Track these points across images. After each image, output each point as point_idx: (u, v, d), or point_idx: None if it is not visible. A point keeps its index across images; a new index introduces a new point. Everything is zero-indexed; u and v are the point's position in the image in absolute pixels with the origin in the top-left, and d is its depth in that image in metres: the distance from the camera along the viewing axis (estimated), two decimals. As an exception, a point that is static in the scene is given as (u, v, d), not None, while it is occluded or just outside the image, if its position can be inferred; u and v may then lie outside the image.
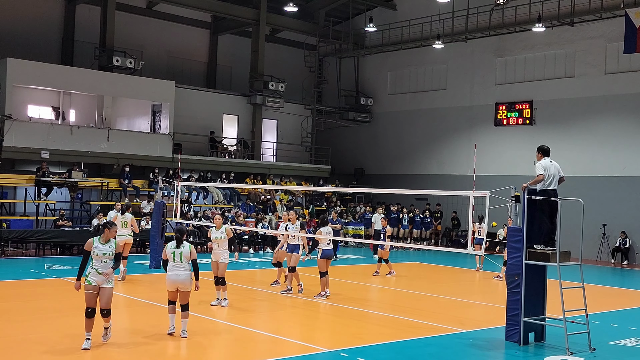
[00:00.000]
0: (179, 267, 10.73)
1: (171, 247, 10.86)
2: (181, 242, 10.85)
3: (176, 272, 10.73)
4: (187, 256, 10.75)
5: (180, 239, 10.89)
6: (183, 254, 10.77)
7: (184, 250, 10.79)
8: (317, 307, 14.45)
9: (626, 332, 12.51)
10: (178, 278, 10.72)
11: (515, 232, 11.24)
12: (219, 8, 32.49)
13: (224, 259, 13.82)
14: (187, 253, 10.78)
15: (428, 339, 11.57)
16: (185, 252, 10.79)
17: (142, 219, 24.90)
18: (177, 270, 10.74)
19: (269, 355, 10.09)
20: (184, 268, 10.73)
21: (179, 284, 10.72)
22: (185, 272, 10.72)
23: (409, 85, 35.61)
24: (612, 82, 27.88)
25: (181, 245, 10.83)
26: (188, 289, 10.75)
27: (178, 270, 10.73)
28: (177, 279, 10.72)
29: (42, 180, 24.37)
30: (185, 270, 10.72)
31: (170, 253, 10.82)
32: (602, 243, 27.18)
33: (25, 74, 26.00)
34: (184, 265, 10.73)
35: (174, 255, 10.79)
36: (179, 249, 10.81)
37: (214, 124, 32.58)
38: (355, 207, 32.71)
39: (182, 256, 10.75)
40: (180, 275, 10.72)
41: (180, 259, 10.74)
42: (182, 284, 10.73)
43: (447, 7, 31.16)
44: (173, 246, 10.86)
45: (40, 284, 16.39)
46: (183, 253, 10.78)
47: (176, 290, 10.76)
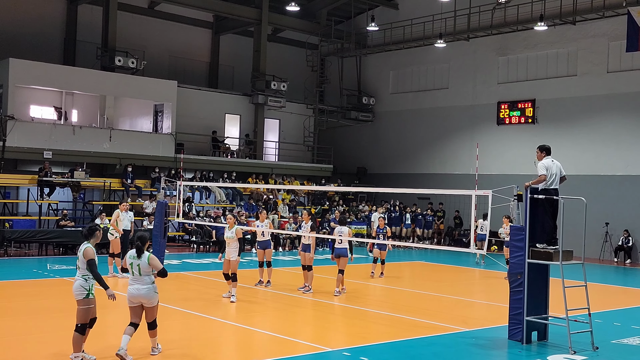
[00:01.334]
0: (138, 281, 9.35)
1: (130, 257, 9.45)
2: (142, 252, 9.41)
3: (136, 285, 9.33)
4: (146, 269, 9.32)
5: (140, 247, 9.43)
6: (141, 266, 9.33)
7: (142, 262, 9.34)
8: (320, 307, 14.45)
9: (629, 331, 12.49)
10: (138, 293, 9.32)
11: (518, 231, 11.23)
12: (221, 8, 32.50)
13: (234, 256, 14.53)
14: (145, 266, 9.31)
15: (431, 338, 11.57)
16: (143, 264, 9.32)
17: (145, 218, 24.93)
18: (136, 283, 9.34)
19: (272, 354, 10.09)
20: (144, 281, 9.33)
21: (141, 299, 9.34)
22: (146, 287, 9.32)
23: (411, 84, 35.59)
24: (614, 81, 27.84)
25: (142, 255, 9.39)
26: (153, 303, 9.40)
27: (138, 284, 9.33)
28: (138, 293, 9.32)
29: (44, 180, 24.41)
30: (146, 283, 9.34)
31: (129, 264, 9.46)
32: (605, 242, 27.14)
33: (28, 74, 26.04)
34: (144, 279, 9.33)
35: (132, 267, 9.40)
36: (139, 259, 9.38)
37: (216, 123, 32.60)
38: (357, 206, 32.71)
39: (139, 268, 9.33)
40: (141, 289, 9.33)
41: (139, 271, 9.34)
42: (143, 299, 9.34)
43: (449, 6, 31.14)
44: (133, 256, 9.43)
45: (43, 284, 16.41)
46: (141, 265, 9.33)
47: (139, 306, 9.38)
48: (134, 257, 9.39)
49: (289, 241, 26.41)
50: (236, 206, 28.84)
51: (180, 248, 25.86)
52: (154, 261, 9.36)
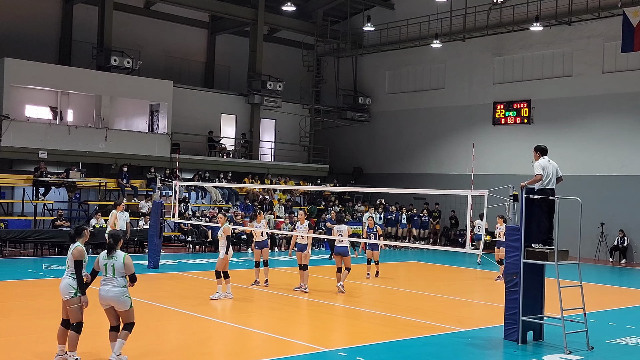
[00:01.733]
0: (109, 282, 8.88)
1: (103, 257, 8.99)
2: (114, 251, 8.97)
3: (105, 287, 8.88)
4: (120, 269, 8.87)
5: (113, 246, 8.99)
6: (115, 267, 8.89)
7: (117, 262, 8.90)
8: (316, 307, 14.45)
9: (624, 331, 12.52)
10: (107, 294, 8.86)
11: (514, 231, 11.25)
12: (217, 8, 32.48)
13: (221, 254, 14.78)
14: (120, 266, 8.88)
15: (426, 338, 11.58)
16: (118, 264, 8.89)
17: (141, 218, 24.91)
18: (106, 284, 8.89)
19: (268, 354, 10.09)
20: (115, 283, 8.86)
21: (109, 301, 8.87)
22: (116, 289, 8.83)
23: (407, 84, 35.62)
24: (610, 81, 27.91)
25: (114, 254, 8.96)
26: (124, 307, 8.86)
27: (108, 285, 8.87)
28: (106, 295, 8.86)
29: (40, 180, 24.35)
30: (118, 285, 8.85)
31: (102, 264, 8.97)
32: (600, 242, 27.20)
33: (23, 73, 25.99)
34: (116, 280, 8.86)
35: (106, 267, 8.93)
36: (111, 259, 8.94)
37: (212, 123, 32.56)
38: (353, 206, 32.71)
39: (114, 269, 8.89)
40: (110, 291, 8.85)
41: (113, 272, 8.87)
42: (113, 301, 8.86)
43: (445, 7, 31.16)
44: (104, 256, 8.98)
45: (38, 284, 16.38)
46: (115, 265, 8.90)
47: (111, 308, 8.94)
48: (106, 257, 8.95)
49: (284, 241, 26.39)
50: (232, 206, 28.82)
51: (176, 248, 25.83)
52: (129, 262, 8.92)
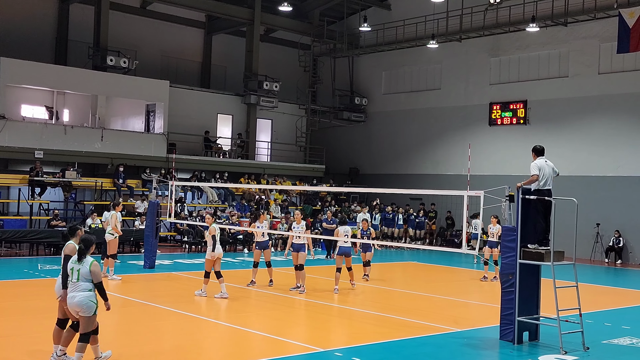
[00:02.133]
0: (75, 287, 8.55)
1: (72, 262, 8.68)
2: (84, 256, 8.64)
3: (72, 293, 8.56)
4: (86, 275, 8.54)
5: (83, 251, 8.65)
6: (81, 272, 8.55)
7: (83, 268, 8.56)
8: (312, 307, 14.46)
9: (620, 331, 12.55)
10: (72, 300, 8.53)
11: (510, 231, 11.27)
12: (213, 8, 32.46)
13: (207, 254, 14.95)
14: (86, 272, 8.54)
15: (423, 338, 11.58)
16: (84, 270, 8.55)
17: (137, 218, 24.88)
18: (73, 291, 8.56)
19: (264, 355, 10.09)
20: (80, 288, 8.53)
21: (74, 307, 8.53)
22: (81, 294, 8.49)
23: (403, 85, 35.64)
24: (605, 82, 27.96)
25: (83, 260, 8.62)
26: (88, 314, 8.51)
27: (74, 291, 8.55)
28: (72, 301, 8.53)
29: (35, 180, 24.31)
30: (83, 291, 8.51)
31: (69, 269, 8.67)
32: (596, 242, 27.25)
33: (19, 73, 25.92)
34: (82, 285, 8.54)
35: (72, 272, 8.61)
36: (80, 264, 8.61)
37: (209, 123, 32.54)
38: (349, 207, 32.73)
39: (79, 274, 8.55)
40: (75, 297, 8.51)
41: (78, 277, 8.55)
42: (77, 307, 8.51)
43: (442, 7, 31.18)
44: (74, 260, 8.66)
45: (34, 284, 16.35)
46: (81, 271, 8.56)
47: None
48: (75, 262, 8.63)
49: (280, 241, 26.40)
50: (228, 206, 28.81)
51: (172, 248, 25.81)
52: (95, 269, 8.58)
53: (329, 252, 24.70)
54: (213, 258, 14.77)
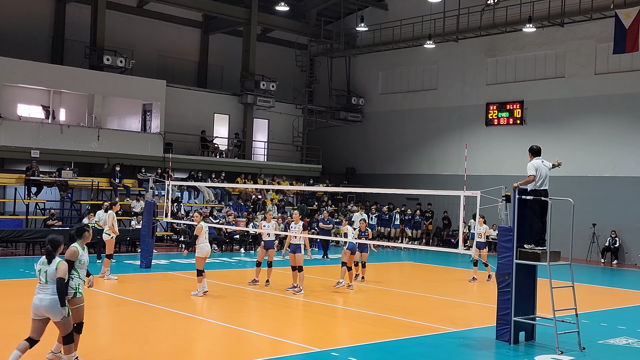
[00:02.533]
0: (44, 290, 8.21)
1: (40, 263, 8.33)
2: (53, 257, 8.25)
3: (40, 295, 8.21)
4: (53, 276, 8.18)
5: (51, 252, 8.26)
6: (49, 274, 8.18)
7: (50, 269, 8.19)
8: (308, 307, 14.45)
9: (616, 331, 12.57)
10: (41, 304, 8.17)
11: (506, 231, 11.28)
12: (210, 7, 32.44)
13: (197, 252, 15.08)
14: (53, 273, 8.17)
15: (419, 338, 11.59)
16: (51, 271, 8.18)
17: (133, 218, 24.85)
18: (41, 293, 8.22)
19: (260, 354, 10.08)
20: (50, 291, 8.17)
21: (44, 311, 8.18)
22: (50, 297, 8.15)
23: (400, 85, 35.66)
24: (602, 83, 28.01)
25: (52, 260, 8.24)
26: (56, 318, 8.19)
27: (42, 294, 8.20)
28: (40, 304, 8.18)
29: (32, 179, 24.26)
30: (53, 294, 8.16)
31: (37, 270, 8.34)
32: (592, 242, 27.30)
33: (15, 72, 25.88)
34: (51, 288, 8.18)
35: (40, 274, 8.28)
36: (48, 265, 8.24)
37: (205, 123, 32.52)
38: (346, 206, 32.74)
39: (47, 275, 8.18)
40: (44, 300, 8.17)
41: (46, 279, 8.20)
42: (46, 311, 8.17)
43: (438, 7, 31.20)
44: (43, 262, 8.30)
45: (30, 283, 16.22)
46: (49, 272, 8.18)
47: (44, 320, 8.27)
48: (43, 263, 8.27)
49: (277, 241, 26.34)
50: (225, 206, 28.79)
51: (169, 248, 25.78)
52: (61, 267, 8.21)
53: (325, 252, 24.69)
54: (204, 256, 14.92)
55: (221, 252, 25.21)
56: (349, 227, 17.22)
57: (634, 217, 26.65)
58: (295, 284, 15.99)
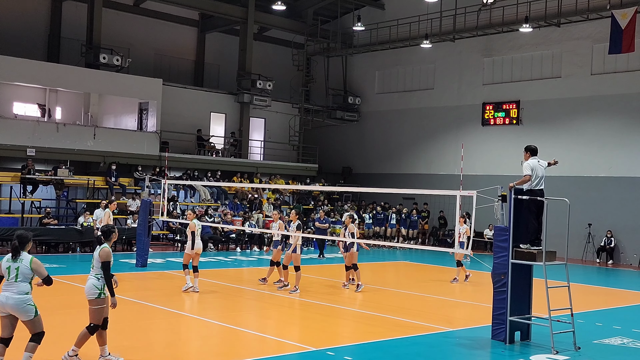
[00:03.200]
0: (12, 287, 7.95)
1: (6, 260, 8.08)
2: (19, 254, 8.04)
3: (6, 293, 7.94)
4: (27, 274, 7.99)
5: (17, 248, 8.05)
6: (20, 271, 7.98)
7: (22, 266, 7.99)
8: (304, 306, 14.45)
9: (611, 331, 12.60)
10: (7, 302, 7.92)
11: (502, 231, 11.29)
12: (207, 6, 32.40)
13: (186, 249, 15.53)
14: (27, 271, 7.98)
15: (415, 337, 11.60)
16: (24, 268, 7.98)
17: (129, 217, 24.81)
18: (8, 290, 7.95)
19: (256, 354, 10.08)
20: (17, 289, 7.94)
21: (9, 309, 7.94)
22: (17, 297, 7.91)
23: (396, 84, 35.67)
24: (598, 83, 28.06)
25: (19, 257, 8.03)
26: (27, 317, 7.97)
27: (9, 291, 7.94)
28: (6, 302, 7.92)
29: (27, 177, 24.21)
30: (20, 292, 7.93)
31: (4, 267, 8.05)
32: (588, 242, 27.34)
33: (11, 70, 25.81)
34: (19, 286, 7.95)
35: (9, 271, 8.01)
36: (16, 262, 8.01)
37: (202, 122, 32.49)
38: (342, 206, 32.74)
39: (18, 272, 7.97)
40: (10, 298, 7.91)
41: (16, 276, 7.96)
42: (13, 309, 7.94)
43: (435, 7, 31.22)
44: (8, 258, 8.07)
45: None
46: (20, 269, 7.98)
47: (10, 317, 8.04)
48: (9, 260, 8.04)
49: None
50: (221, 205, 28.77)
51: (164, 247, 25.76)
52: (37, 266, 8.02)
53: (321, 251, 24.68)
54: (192, 254, 15.22)
55: (217, 251, 25.20)
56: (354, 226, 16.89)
57: (630, 217, 26.71)
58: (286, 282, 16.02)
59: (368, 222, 30.51)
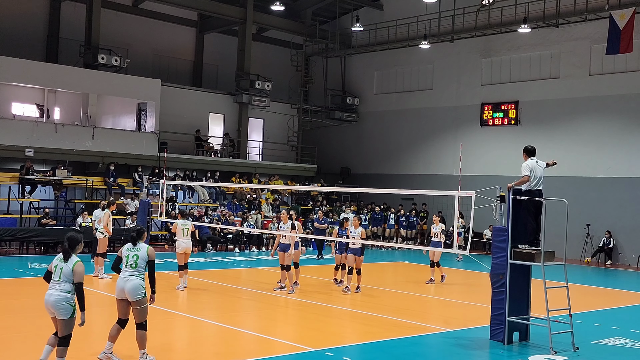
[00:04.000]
0: (55, 286, 8.22)
1: (57, 259, 8.34)
2: (69, 255, 8.27)
3: (50, 290, 8.22)
4: (68, 275, 8.19)
5: (68, 250, 8.27)
6: (64, 271, 8.20)
7: (66, 267, 8.21)
8: (303, 307, 14.45)
9: (609, 332, 12.61)
10: (49, 299, 8.18)
11: (500, 232, 11.30)
12: (206, 6, 32.40)
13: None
14: (68, 272, 8.19)
15: (413, 338, 11.60)
16: (67, 270, 8.20)
17: (127, 217, 24.80)
18: (52, 289, 8.22)
19: (254, 354, 10.08)
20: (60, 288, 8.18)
21: (49, 307, 8.22)
22: (60, 294, 8.14)
23: (395, 85, 35.68)
24: (596, 84, 28.08)
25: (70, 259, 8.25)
26: (63, 316, 8.17)
27: (53, 289, 8.21)
28: (48, 299, 8.19)
29: (26, 178, 24.20)
30: (62, 291, 8.16)
31: (54, 266, 8.34)
32: (586, 243, 27.35)
33: (10, 71, 25.79)
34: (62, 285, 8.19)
35: (55, 270, 8.29)
36: (64, 262, 8.26)
37: (200, 122, 32.49)
38: (341, 206, 32.73)
39: (62, 272, 8.21)
40: (52, 295, 8.16)
41: (60, 276, 8.22)
42: (52, 307, 8.18)
43: (434, 8, 31.24)
44: (60, 258, 8.32)
45: (24, 282, 16.28)
46: (64, 270, 8.20)
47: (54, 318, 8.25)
48: (60, 260, 8.23)
49: (272, 240, 26.37)
50: (219, 205, 28.77)
51: (163, 247, 25.73)
52: (79, 268, 8.15)
53: (320, 252, 24.68)
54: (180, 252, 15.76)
55: (215, 251, 25.20)
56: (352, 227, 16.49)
57: (628, 217, 26.73)
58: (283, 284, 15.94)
59: (365, 223, 30.47)
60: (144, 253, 9.05)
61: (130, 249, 9.17)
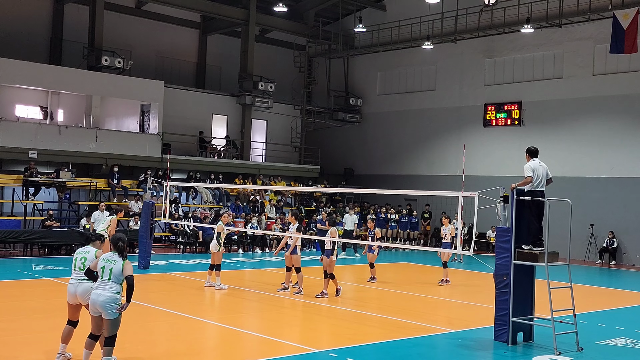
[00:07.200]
0: (104, 286, 8.33)
1: (103, 260, 8.46)
2: (121, 254, 8.39)
3: (98, 290, 8.32)
4: (118, 275, 8.31)
5: (122, 249, 8.39)
6: (114, 271, 8.32)
7: (116, 266, 8.33)
8: (306, 308, 14.45)
9: (614, 332, 12.58)
10: (97, 299, 8.28)
11: (504, 232, 11.29)
12: (208, 8, 32.43)
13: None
14: (119, 271, 8.30)
15: (417, 339, 11.59)
16: (117, 269, 8.31)
17: (131, 219, 24.83)
18: (100, 289, 8.33)
19: (258, 355, 10.08)
20: (109, 288, 8.28)
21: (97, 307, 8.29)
22: (109, 294, 8.24)
23: (398, 85, 35.67)
24: (600, 84, 28.04)
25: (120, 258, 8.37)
26: (109, 316, 8.23)
27: (101, 289, 8.31)
28: (97, 299, 8.29)
29: (30, 180, 24.24)
30: (111, 291, 8.26)
31: (100, 266, 8.43)
32: (590, 243, 27.31)
33: (13, 73, 25.86)
34: (111, 285, 8.29)
35: (103, 270, 8.41)
36: (113, 262, 8.36)
37: (203, 124, 32.53)
38: (344, 207, 32.73)
39: (111, 272, 8.31)
40: (101, 295, 8.24)
41: (110, 276, 8.31)
42: (100, 308, 8.24)
43: (437, 8, 31.22)
44: (107, 258, 8.44)
45: (28, 284, 16.29)
46: (114, 270, 8.32)
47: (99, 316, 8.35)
48: (107, 260, 8.34)
49: (275, 242, 26.38)
50: (223, 207, 28.78)
51: (167, 249, 25.77)
52: (129, 265, 8.30)
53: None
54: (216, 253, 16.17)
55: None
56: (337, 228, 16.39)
57: (632, 217, 26.68)
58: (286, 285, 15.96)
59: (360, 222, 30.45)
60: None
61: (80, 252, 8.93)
